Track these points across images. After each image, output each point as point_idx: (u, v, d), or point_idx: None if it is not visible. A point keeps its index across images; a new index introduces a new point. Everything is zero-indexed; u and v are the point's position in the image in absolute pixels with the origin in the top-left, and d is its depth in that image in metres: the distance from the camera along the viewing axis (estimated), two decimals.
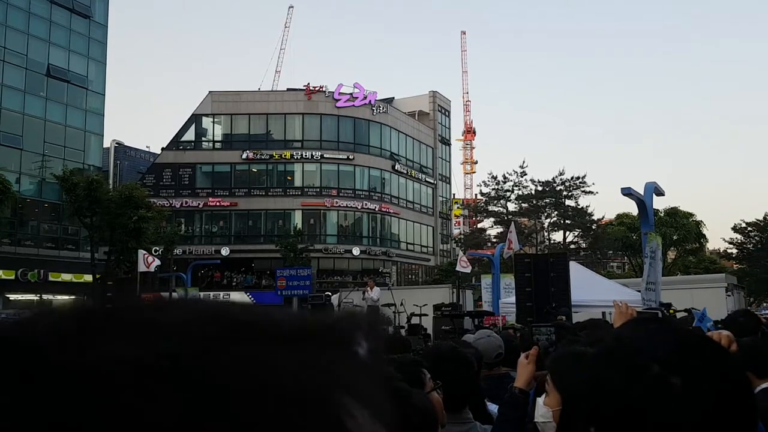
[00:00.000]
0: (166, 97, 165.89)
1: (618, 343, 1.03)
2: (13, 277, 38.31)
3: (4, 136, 39.75)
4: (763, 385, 2.93)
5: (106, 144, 50.02)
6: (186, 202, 46.29)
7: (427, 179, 56.13)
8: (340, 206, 47.71)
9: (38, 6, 42.71)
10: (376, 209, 49.02)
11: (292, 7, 70.69)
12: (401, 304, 19.11)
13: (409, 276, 52.72)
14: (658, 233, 13.56)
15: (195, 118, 48.37)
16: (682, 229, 44.19)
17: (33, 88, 42.00)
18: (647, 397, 0.92)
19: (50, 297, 42.37)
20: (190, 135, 48.45)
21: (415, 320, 18.49)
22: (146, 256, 21.65)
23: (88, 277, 36.71)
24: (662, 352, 0.96)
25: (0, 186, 29.92)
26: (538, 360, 2.72)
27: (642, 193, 12.10)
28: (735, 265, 48.24)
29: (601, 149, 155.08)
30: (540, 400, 2.51)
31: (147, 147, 59.67)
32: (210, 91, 48.72)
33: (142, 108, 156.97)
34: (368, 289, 20.12)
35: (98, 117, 46.27)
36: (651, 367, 0.94)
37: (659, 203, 36.19)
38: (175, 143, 48.04)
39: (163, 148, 48.69)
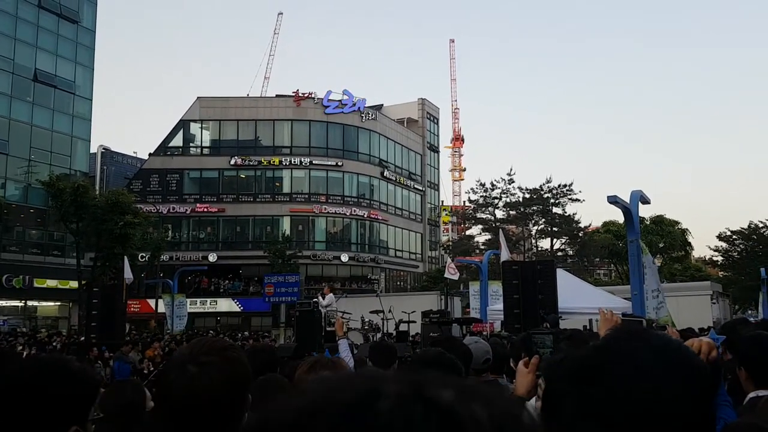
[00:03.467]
0: (153, 103, 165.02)
1: (603, 355, 1.05)
2: None
3: None
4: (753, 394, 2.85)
5: (93, 149, 49.60)
6: (173, 208, 46.05)
7: (415, 186, 56.25)
8: (328, 212, 47.68)
9: (26, 10, 42.44)
10: (365, 216, 49.04)
11: (282, 13, 70.88)
12: (390, 311, 19.13)
13: (398, 282, 52.72)
14: (644, 241, 13.67)
15: (183, 124, 48.20)
16: (667, 236, 44.60)
17: (20, 92, 41.69)
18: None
19: (35, 303, 41.99)
20: (177, 141, 48.25)
21: (403, 327, 18.51)
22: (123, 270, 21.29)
23: (74, 284, 36.34)
24: (646, 367, 0.98)
25: None
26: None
27: (628, 201, 12.20)
28: (720, 273, 48.65)
29: (588, 157, 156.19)
30: (531, 404, 2.53)
31: (134, 153, 59.16)
32: (198, 97, 48.60)
33: (130, 113, 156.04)
34: (320, 295, 19.96)
35: (85, 122, 45.98)
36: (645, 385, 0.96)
37: (645, 211, 36.52)
38: (163, 149, 47.82)
39: (150, 154, 48.43)
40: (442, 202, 64.88)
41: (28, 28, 42.53)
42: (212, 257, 44.92)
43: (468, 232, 55.48)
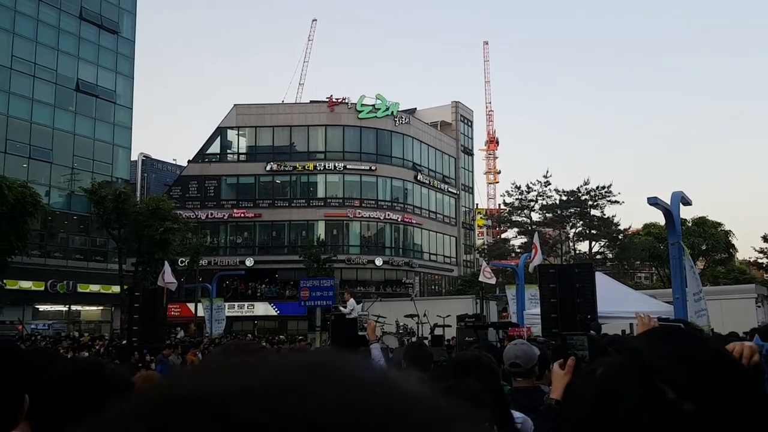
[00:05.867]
0: (192, 111, 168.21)
1: (636, 358, 1.02)
2: (42, 289, 38.98)
3: (34, 149, 40.63)
4: None
5: (134, 157, 50.82)
6: (211, 214, 46.79)
7: (449, 189, 56.01)
8: (362, 217, 47.81)
9: (68, 22, 43.70)
10: (399, 220, 49.02)
11: (316, 20, 71.34)
12: (424, 315, 19.03)
13: (432, 286, 52.53)
14: (686, 243, 13.33)
15: (220, 131, 48.99)
16: (710, 238, 43.37)
17: (62, 102, 42.90)
18: (657, 420, 0.91)
19: (79, 308, 43.09)
20: (215, 147, 49.07)
21: (438, 331, 18.40)
22: (163, 274, 21.49)
23: (116, 289, 37.21)
24: (681, 376, 0.95)
25: (30, 199, 30.45)
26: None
27: (669, 202, 11.91)
28: (765, 275, 47.18)
29: (627, 158, 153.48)
30: None
31: (174, 160, 60.63)
32: (235, 104, 49.34)
33: (169, 121, 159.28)
34: (341, 304, 19.93)
35: (126, 130, 47.07)
36: (666, 392, 0.93)
37: (687, 213, 35.62)
38: (201, 156, 48.67)
39: (189, 161, 49.38)
40: (477, 205, 64.49)
41: (70, 39, 43.77)
42: (249, 262, 45.47)
43: (503, 236, 54.98)
